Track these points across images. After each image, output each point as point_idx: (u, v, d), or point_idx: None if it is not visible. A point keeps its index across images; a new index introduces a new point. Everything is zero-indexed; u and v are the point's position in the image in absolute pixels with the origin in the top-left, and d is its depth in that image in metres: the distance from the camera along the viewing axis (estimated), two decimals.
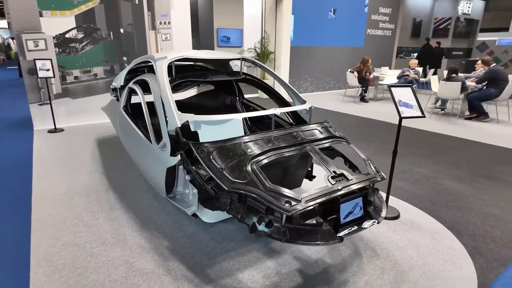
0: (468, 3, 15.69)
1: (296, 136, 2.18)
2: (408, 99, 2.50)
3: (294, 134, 2.20)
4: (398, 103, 2.45)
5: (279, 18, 8.68)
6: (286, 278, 2.02)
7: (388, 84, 2.63)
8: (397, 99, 2.46)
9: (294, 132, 2.23)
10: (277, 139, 2.12)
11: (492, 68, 6.46)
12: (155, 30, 6.21)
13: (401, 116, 2.43)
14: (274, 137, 2.12)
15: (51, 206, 2.89)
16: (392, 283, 1.97)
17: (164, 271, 2.07)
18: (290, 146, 2.08)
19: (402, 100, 2.47)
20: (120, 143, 4.27)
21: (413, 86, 8.41)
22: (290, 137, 2.17)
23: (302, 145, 2.10)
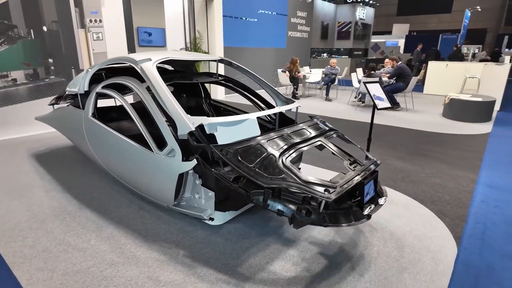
0: (363, 9, 18.13)
1: (306, 132, 2.36)
2: (379, 93, 2.92)
3: (304, 130, 2.38)
4: (373, 96, 2.85)
5: (211, 19, 8.69)
6: (313, 262, 2.20)
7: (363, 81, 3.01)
8: (372, 93, 2.85)
9: (303, 128, 2.41)
10: (292, 136, 2.26)
11: (399, 66, 7.74)
12: (85, 29, 5.60)
13: (378, 107, 2.83)
14: (289, 134, 2.26)
15: (21, 236, 2.46)
16: (396, 249, 2.33)
17: (196, 279, 2.03)
18: (306, 140, 2.25)
19: (375, 94, 2.87)
20: (78, 156, 3.82)
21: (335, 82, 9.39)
22: (302, 133, 2.34)
23: (315, 139, 2.30)
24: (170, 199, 2.40)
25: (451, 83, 9.76)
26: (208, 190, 2.30)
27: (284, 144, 2.15)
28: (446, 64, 10.15)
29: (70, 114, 3.35)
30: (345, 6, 17.77)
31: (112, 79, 2.91)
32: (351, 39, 17.72)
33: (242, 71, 3.32)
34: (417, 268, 2.15)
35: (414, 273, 2.09)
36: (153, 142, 2.37)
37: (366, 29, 19.03)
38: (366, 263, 2.19)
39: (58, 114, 3.70)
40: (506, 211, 2.94)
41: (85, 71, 3.31)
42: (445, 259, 2.24)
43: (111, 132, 2.70)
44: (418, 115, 7.25)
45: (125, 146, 2.58)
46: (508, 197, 3.21)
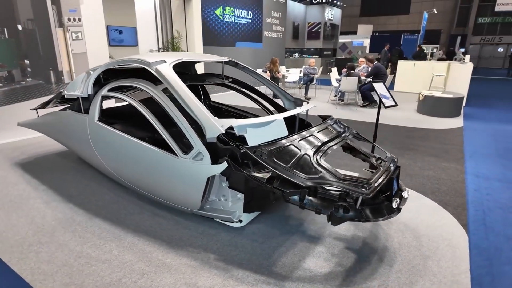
0: (331, 10, 18.71)
1: (331, 131, 2.43)
2: (384, 92, 3.07)
3: (329, 129, 2.44)
4: (380, 95, 2.99)
5: (189, 18, 8.54)
6: (342, 257, 2.27)
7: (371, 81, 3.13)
8: (379, 92, 2.99)
9: (327, 127, 2.47)
10: (319, 136, 2.32)
11: (376, 65, 8.10)
12: (63, 28, 5.28)
13: (385, 106, 2.97)
14: (316, 134, 2.32)
15: (32, 251, 2.29)
16: (414, 239, 2.48)
17: (235, 281, 2.02)
18: (333, 139, 2.32)
19: (381, 93, 3.02)
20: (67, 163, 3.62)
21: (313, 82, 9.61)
22: (328, 132, 2.40)
23: (339, 138, 2.37)
24: (196, 203, 2.36)
25: (420, 81, 10.40)
26: (236, 192, 2.30)
27: (315, 143, 2.21)
28: (414, 63, 10.79)
29: (69, 119, 3.15)
30: (314, 6, 18.22)
31: (120, 81, 2.79)
32: (321, 39, 18.21)
33: (248, 72, 3.33)
34: (437, 255, 2.30)
35: (437, 260, 2.24)
36: (177, 146, 2.32)
37: (335, 29, 19.66)
38: (391, 254, 2.30)
39: (51, 119, 3.47)
40: (497, 198, 3.22)
41: (85, 74, 3.13)
42: (459, 245, 2.42)
43: (125, 137, 2.58)
44: (395, 112, 7.64)
45: (142, 151, 2.49)
46: (496, 185, 3.51)
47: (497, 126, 6.32)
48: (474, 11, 26.91)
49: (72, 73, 5.51)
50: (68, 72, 5.47)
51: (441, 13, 27.75)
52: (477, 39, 27.37)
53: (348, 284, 2.00)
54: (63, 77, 5.43)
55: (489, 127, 6.24)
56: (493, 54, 27.34)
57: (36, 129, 3.89)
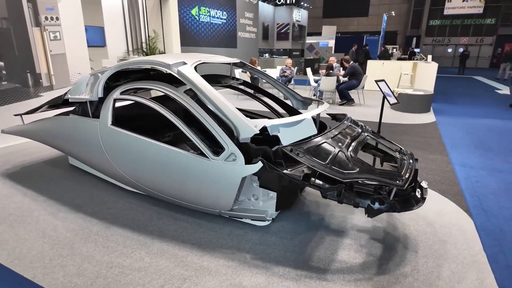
0: (299, 12, 19.17)
1: (354, 129, 2.55)
2: (387, 90, 3.26)
3: (352, 127, 2.55)
4: (385, 93, 3.17)
5: (166, 18, 8.34)
6: (371, 247, 2.40)
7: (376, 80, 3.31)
8: (383, 91, 3.17)
9: (350, 125, 2.59)
10: (346, 133, 2.42)
11: (352, 65, 8.47)
12: (40, 27, 4.94)
13: (390, 103, 3.16)
14: (343, 132, 2.42)
15: (57, 265, 2.16)
16: (428, 226, 2.68)
17: (278, 278, 2.06)
18: (358, 136, 2.43)
19: (385, 91, 3.20)
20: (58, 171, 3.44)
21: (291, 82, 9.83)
22: (351, 130, 2.51)
23: (363, 134, 2.50)
24: (228, 204, 2.36)
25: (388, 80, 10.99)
26: (267, 191, 2.33)
27: (345, 140, 2.31)
28: (382, 63, 11.41)
29: (74, 124, 2.96)
30: (282, 8, 18.56)
31: (133, 83, 2.69)
32: (289, 40, 18.61)
33: (256, 72, 3.36)
34: (452, 239, 2.50)
35: (453, 244, 2.44)
36: (207, 148, 2.30)
37: (302, 30, 20.17)
38: (413, 241, 2.47)
39: (49, 125, 3.24)
40: (486, 184, 3.55)
41: (91, 76, 2.97)
42: (468, 229, 2.65)
43: (147, 141, 2.50)
44: (371, 109, 8.05)
45: (168, 155, 2.42)
46: (481, 173, 3.86)
47: (464, 120, 6.91)
48: (426, 14, 28.94)
49: (51, 76, 5.17)
50: (46, 75, 5.12)
51: (397, 15, 29.46)
52: (429, 40, 29.47)
53: (384, 272, 2.13)
54: (41, 80, 5.08)
55: (458, 121, 6.80)
56: (443, 54, 29.58)
57: (27, 136, 3.61)
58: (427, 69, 9.48)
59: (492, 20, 27.39)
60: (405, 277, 2.09)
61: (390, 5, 30.52)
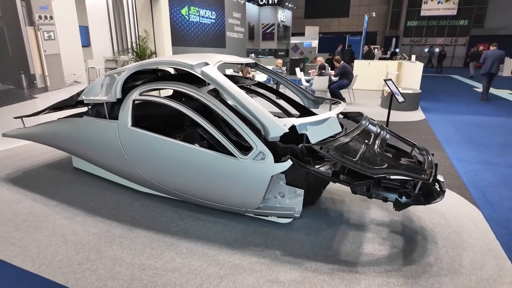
0: (283, 12, 19.33)
1: (374, 127, 2.64)
2: (394, 89, 3.39)
3: (372, 126, 2.64)
4: (393, 92, 3.30)
5: (157, 18, 8.22)
6: (393, 239, 2.50)
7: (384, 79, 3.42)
8: (392, 89, 3.30)
9: (371, 123, 2.68)
10: (369, 131, 2.51)
11: (343, 65, 8.66)
12: (34, 27, 4.77)
13: (399, 101, 3.28)
14: (366, 130, 2.50)
15: (87, 269, 2.12)
16: (442, 218, 2.81)
17: (312, 273, 2.11)
18: (380, 133, 2.52)
19: (393, 90, 3.33)
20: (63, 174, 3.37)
21: None
22: (372, 128, 2.60)
23: (383, 132, 2.59)
24: (256, 203, 2.39)
25: (374, 79, 11.32)
26: (294, 188, 2.38)
27: (370, 138, 2.39)
28: (368, 63, 11.71)
29: (89, 126, 2.89)
30: (267, 8, 18.67)
31: (152, 84, 2.67)
32: (275, 40, 18.73)
33: (267, 72, 3.40)
34: (466, 229, 2.65)
35: (468, 233, 2.58)
36: (235, 148, 2.32)
37: (287, 30, 20.35)
38: (430, 233, 2.59)
39: (59, 127, 3.14)
40: (484, 178, 3.75)
41: (102, 77, 2.91)
42: (478, 219, 2.81)
43: (172, 142, 2.48)
44: (362, 108, 8.27)
45: (194, 155, 2.42)
46: (478, 167, 4.07)
47: (451, 116, 7.22)
48: (404, 15, 29.90)
49: (45, 77, 5.01)
50: (40, 76, 4.95)
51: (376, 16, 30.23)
52: (407, 40, 30.46)
53: (410, 263, 2.23)
54: (36, 81, 4.90)
55: (445, 118, 7.10)
56: (420, 53, 30.62)
57: (31, 139, 3.49)
58: (412, 68, 9.83)
59: (465, 22, 28.66)
60: (430, 266, 2.19)
61: (369, 6, 31.33)
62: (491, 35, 26.80)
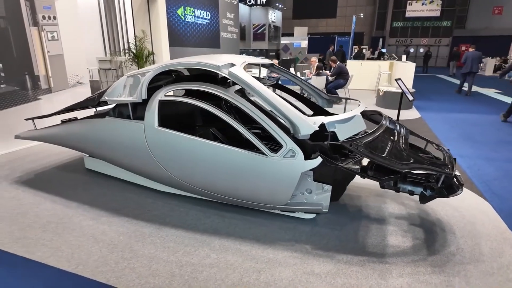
0: (273, 13, 19.48)
1: (395, 125, 2.76)
2: (404, 88, 3.53)
3: (393, 124, 2.76)
4: (404, 91, 3.43)
5: (155, 18, 8.17)
6: (413, 231, 2.62)
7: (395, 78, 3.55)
8: (403, 88, 3.43)
9: (392, 121, 2.79)
10: (393, 128, 2.63)
11: (339, 65, 8.84)
12: (38, 27, 4.70)
13: (410, 99, 3.42)
14: (389, 128, 2.62)
15: (127, 268, 2.14)
16: (455, 211, 2.95)
17: (345, 264, 2.21)
18: (401, 131, 2.64)
19: (404, 89, 3.47)
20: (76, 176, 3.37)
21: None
22: (393, 126, 2.72)
23: (403, 129, 2.72)
24: (285, 199, 2.46)
25: (367, 79, 11.58)
26: (322, 184, 2.47)
27: (394, 134, 2.50)
28: (361, 63, 11.97)
29: (113, 127, 2.89)
30: (258, 8, 18.77)
31: (178, 85, 2.70)
32: (266, 41, 18.85)
33: (283, 72, 3.48)
34: (479, 220, 2.80)
35: (482, 224, 2.73)
36: (265, 146, 2.39)
37: (277, 31, 20.51)
38: (447, 225, 2.73)
39: (79, 128, 3.12)
40: (487, 172, 3.94)
41: (124, 78, 2.92)
42: (488, 211, 2.97)
43: (201, 142, 2.52)
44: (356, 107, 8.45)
45: (224, 154, 2.47)
46: (479, 162, 4.27)
47: (445, 115, 7.49)
48: (390, 16, 30.57)
49: (49, 78, 4.94)
50: (44, 77, 4.88)
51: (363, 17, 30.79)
52: (393, 40, 31.14)
53: (434, 252, 2.35)
54: (40, 82, 4.83)
55: (439, 116, 7.35)
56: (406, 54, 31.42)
57: (47, 140, 3.46)
58: (404, 68, 10.11)
59: (448, 23, 29.54)
60: (453, 255, 2.32)
61: (356, 7, 31.89)
62: (472, 35, 27.76)
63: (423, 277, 2.09)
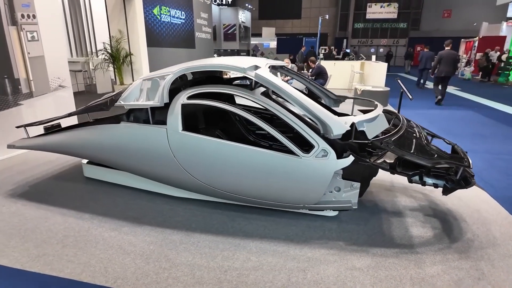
0: (243, 13, 19.51)
1: (412, 123, 2.92)
2: (404, 87, 3.74)
3: (410, 123, 2.91)
4: (404, 90, 3.64)
5: (132, 17, 7.85)
6: (430, 221, 2.79)
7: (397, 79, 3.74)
8: (403, 88, 3.64)
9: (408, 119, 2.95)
10: (412, 126, 2.77)
11: (318, 65, 9.08)
12: (17, 26, 4.34)
13: (411, 98, 3.63)
14: (409, 126, 2.76)
15: (169, 277, 2.07)
16: (459, 200, 3.19)
17: (381, 257, 2.31)
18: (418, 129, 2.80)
19: (404, 88, 3.68)
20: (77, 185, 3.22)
21: None
22: (411, 124, 2.87)
23: (419, 127, 2.89)
24: (316, 198, 2.51)
25: (341, 78, 12.01)
26: (351, 182, 2.55)
27: (415, 132, 2.65)
28: (334, 63, 12.38)
29: (131, 132, 2.73)
30: (228, 9, 18.71)
31: (200, 88, 2.64)
32: (237, 41, 18.83)
33: (291, 74, 3.53)
34: (483, 208, 3.05)
35: (486, 211, 2.98)
36: (296, 147, 2.42)
37: (247, 31, 20.57)
38: (458, 214, 2.95)
39: (88, 135, 2.92)
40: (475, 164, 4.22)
41: (140, 81, 2.79)
42: (487, 199, 3.24)
43: (232, 145, 2.48)
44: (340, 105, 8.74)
45: (255, 156, 2.46)
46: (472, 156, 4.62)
47: (420, 111, 7.99)
48: (351, 18, 31.90)
49: (30, 81, 4.57)
50: (25, 80, 4.51)
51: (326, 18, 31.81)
52: (355, 41, 32.52)
53: (455, 240, 2.53)
54: (20, 87, 4.46)
55: (416, 112, 7.83)
56: (367, 54, 32.98)
57: (47, 149, 3.20)
58: (376, 68, 10.63)
59: (404, 25, 31.46)
60: (472, 241, 2.52)
61: (320, 9, 32.87)
62: (426, 37, 29.81)
63: (453, 263, 2.25)
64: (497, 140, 5.38)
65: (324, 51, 21.43)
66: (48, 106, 4.88)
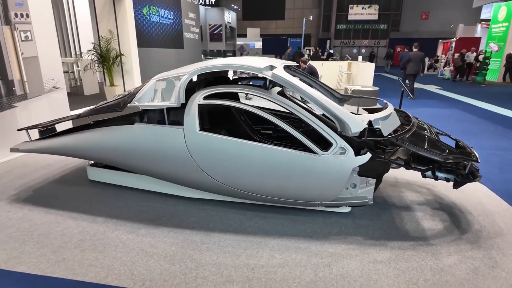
0: (229, 14, 19.49)
1: (420, 121, 3.02)
2: (404, 87, 3.86)
3: (419, 121, 3.02)
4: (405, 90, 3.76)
5: (122, 17, 7.70)
6: (438, 215, 2.91)
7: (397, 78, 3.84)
8: (404, 87, 3.76)
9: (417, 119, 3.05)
10: (422, 124, 2.87)
11: (309, 65, 9.20)
12: (10, 26, 4.19)
13: (411, 97, 3.76)
14: (419, 123, 2.86)
15: (198, 277, 2.07)
16: (462, 193, 3.34)
17: (399, 250, 2.39)
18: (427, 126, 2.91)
19: (404, 88, 3.80)
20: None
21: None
22: (420, 122, 2.97)
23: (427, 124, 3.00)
24: (334, 195, 2.57)
25: (329, 78, 12.19)
26: (367, 178, 2.63)
27: (426, 129, 2.75)
28: (322, 63, 12.57)
29: (146, 134, 2.69)
30: (213, 9, 18.64)
31: (216, 88, 2.65)
32: (223, 41, 18.79)
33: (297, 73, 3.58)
34: (484, 201, 3.20)
35: (488, 203, 3.13)
36: (314, 145, 2.47)
37: (233, 32, 20.56)
38: (463, 207, 3.08)
39: (100, 137, 2.85)
40: None
41: (153, 82, 2.76)
42: (487, 192, 3.40)
43: (251, 144, 2.50)
44: None
45: (275, 155, 2.49)
46: None
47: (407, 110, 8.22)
48: (334, 19, 32.45)
49: (24, 83, 4.42)
50: (19, 81, 4.35)
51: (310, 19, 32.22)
52: (338, 42, 33.11)
53: (464, 231, 2.65)
54: (14, 88, 4.30)
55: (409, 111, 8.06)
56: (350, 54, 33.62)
57: (54, 152, 3.10)
58: (364, 68, 10.88)
59: (385, 26, 32.30)
60: (480, 232, 2.64)
61: (303, 10, 33.25)
62: (406, 38, 30.69)
63: (467, 253, 2.36)
64: (486, 136, 5.64)
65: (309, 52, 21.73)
66: (42, 108, 4.72)
